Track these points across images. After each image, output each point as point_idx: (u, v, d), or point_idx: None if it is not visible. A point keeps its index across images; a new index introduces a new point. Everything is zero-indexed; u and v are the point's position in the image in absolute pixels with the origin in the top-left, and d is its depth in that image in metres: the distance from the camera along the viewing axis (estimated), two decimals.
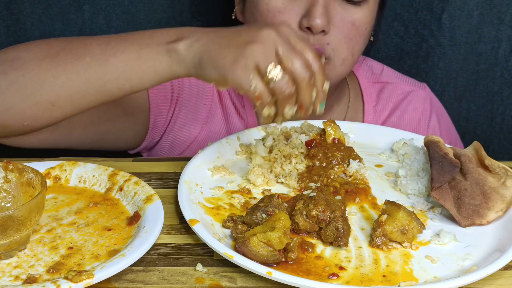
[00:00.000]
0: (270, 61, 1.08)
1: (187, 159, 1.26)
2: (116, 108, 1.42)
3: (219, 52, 1.10)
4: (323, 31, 1.37)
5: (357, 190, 1.21)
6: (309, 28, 1.37)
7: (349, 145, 1.32)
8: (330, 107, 1.58)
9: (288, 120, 1.14)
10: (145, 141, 1.53)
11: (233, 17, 1.52)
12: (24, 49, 1.23)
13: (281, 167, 1.26)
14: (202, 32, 1.16)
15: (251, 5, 1.43)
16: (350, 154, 1.28)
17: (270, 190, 1.23)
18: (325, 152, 1.27)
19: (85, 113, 1.26)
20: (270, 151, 1.29)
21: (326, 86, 1.14)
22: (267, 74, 1.08)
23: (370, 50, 1.63)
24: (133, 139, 1.53)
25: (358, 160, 1.27)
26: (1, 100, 1.20)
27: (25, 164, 1.08)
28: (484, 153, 1.22)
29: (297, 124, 1.39)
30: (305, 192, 1.14)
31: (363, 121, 1.62)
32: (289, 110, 1.12)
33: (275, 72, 1.08)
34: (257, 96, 1.08)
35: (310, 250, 1.07)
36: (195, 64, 1.13)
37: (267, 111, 1.11)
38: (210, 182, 1.23)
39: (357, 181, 1.24)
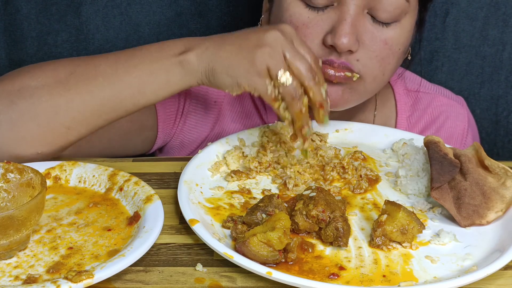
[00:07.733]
0: (279, 66, 1.12)
1: (187, 159, 1.26)
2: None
3: (232, 60, 1.14)
4: (349, 50, 1.29)
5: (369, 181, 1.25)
6: (333, 46, 1.28)
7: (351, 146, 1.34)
8: (350, 117, 1.51)
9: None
10: (155, 144, 1.52)
11: (259, 26, 1.48)
12: (28, 77, 1.21)
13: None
14: (209, 41, 1.18)
15: (275, 16, 1.38)
16: None
17: (270, 190, 1.23)
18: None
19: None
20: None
21: (323, 89, 1.19)
22: (278, 79, 1.12)
23: (409, 66, 1.56)
24: (141, 144, 1.51)
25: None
26: (14, 131, 1.19)
27: (25, 164, 1.08)
28: (484, 153, 1.22)
29: None
30: (305, 192, 1.14)
31: None
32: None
33: (285, 78, 1.12)
34: (274, 98, 1.14)
35: (310, 250, 1.06)
36: (207, 73, 1.17)
37: (287, 113, 1.17)
38: (210, 182, 1.23)
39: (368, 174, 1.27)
